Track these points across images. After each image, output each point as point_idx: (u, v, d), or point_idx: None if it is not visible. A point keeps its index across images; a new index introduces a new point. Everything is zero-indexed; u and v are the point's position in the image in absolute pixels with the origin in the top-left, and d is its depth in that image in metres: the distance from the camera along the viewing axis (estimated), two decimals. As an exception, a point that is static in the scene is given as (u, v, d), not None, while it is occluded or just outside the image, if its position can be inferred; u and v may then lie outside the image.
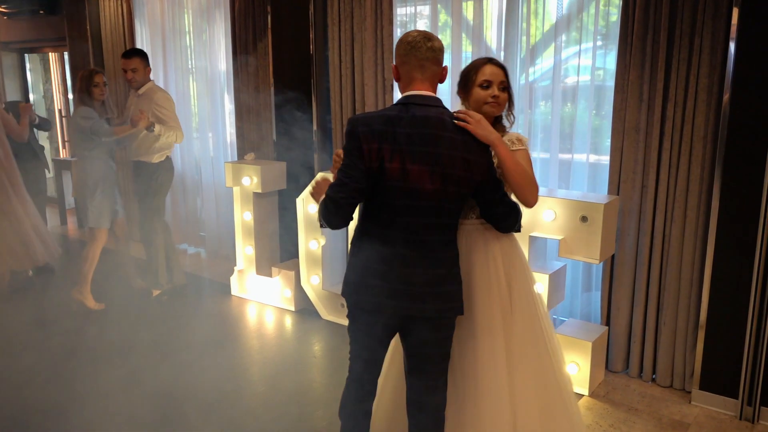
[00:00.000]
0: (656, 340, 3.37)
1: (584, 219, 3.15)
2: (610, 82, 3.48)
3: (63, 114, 7.99)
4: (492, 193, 2.12)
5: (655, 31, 3.11)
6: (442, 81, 2.14)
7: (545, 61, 3.83)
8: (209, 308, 4.61)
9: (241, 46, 4.94)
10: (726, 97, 2.91)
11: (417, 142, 1.98)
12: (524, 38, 3.76)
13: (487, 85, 2.25)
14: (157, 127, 4.32)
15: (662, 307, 3.31)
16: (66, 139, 8.05)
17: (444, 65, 2.13)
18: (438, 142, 1.99)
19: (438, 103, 2.08)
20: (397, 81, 2.12)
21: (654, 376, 3.42)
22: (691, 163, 3.12)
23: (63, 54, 7.73)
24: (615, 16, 3.49)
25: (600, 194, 3.44)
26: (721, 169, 2.96)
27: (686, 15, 3.02)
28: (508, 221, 2.22)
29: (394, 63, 2.11)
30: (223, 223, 5.66)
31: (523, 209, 2.26)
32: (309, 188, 2.09)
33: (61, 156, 8.06)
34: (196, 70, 5.62)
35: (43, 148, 5.72)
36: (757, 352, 2.97)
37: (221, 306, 4.63)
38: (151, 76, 4.55)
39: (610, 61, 3.53)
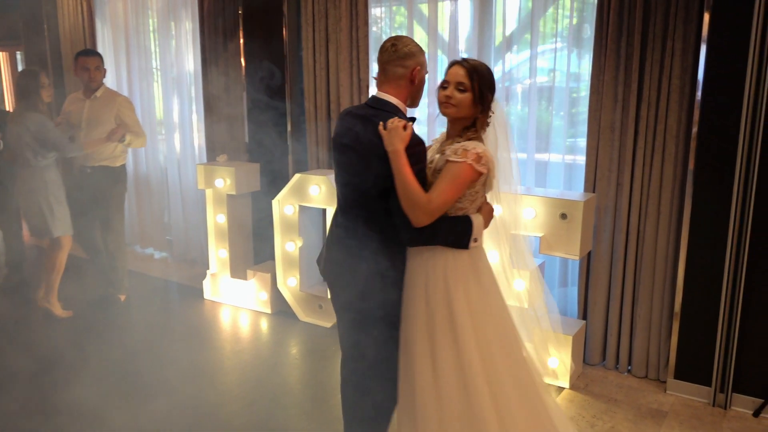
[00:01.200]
0: (632, 333, 3.48)
1: (563, 216, 3.24)
2: (566, 84, 3.63)
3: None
4: (384, 201, 2.12)
5: (629, 34, 3.22)
6: (413, 82, 2.19)
7: (507, 62, 3.91)
8: (182, 313, 4.52)
9: (211, 46, 4.87)
10: (698, 96, 3.03)
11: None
12: (491, 39, 3.85)
13: (445, 85, 2.18)
14: (128, 137, 4.22)
15: (637, 300, 3.42)
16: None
17: (415, 67, 2.17)
18: (349, 147, 2.17)
19: (379, 105, 2.17)
20: None
21: (629, 368, 3.53)
22: (664, 161, 3.24)
23: (15, 53, 7.45)
24: (574, 19, 3.61)
25: (575, 192, 3.53)
26: (693, 167, 3.09)
27: (659, 19, 3.14)
28: (402, 234, 2.12)
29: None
30: (190, 226, 5.56)
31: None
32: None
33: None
34: (162, 71, 5.50)
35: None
36: (729, 342, 3.10)
37: (194, 310, 4.55)
38: (115, 77, 4.44)
39: (566, 63, 3.64)
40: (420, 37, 4.13)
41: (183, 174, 5.53)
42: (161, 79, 5.53)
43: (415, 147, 2.07)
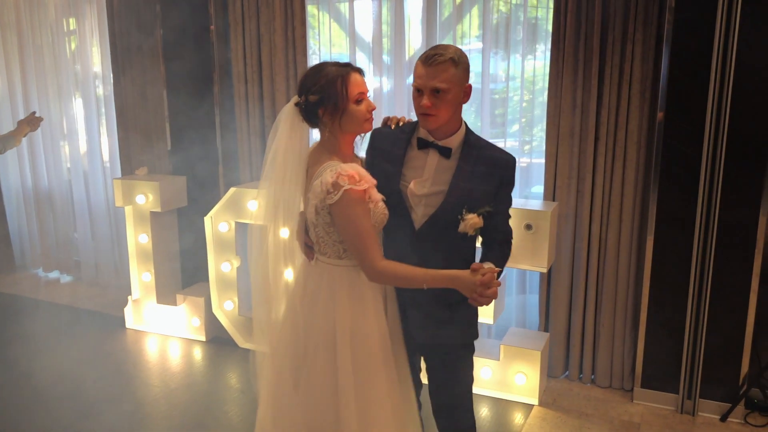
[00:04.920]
0: (595, 343, 3.41)
1: (529, 227, 3.10)
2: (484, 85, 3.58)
3: None
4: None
5: (587, 37, 3.14)
6: None
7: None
8: (100, 345, 4.01)
9: (123, 45, 4.37)
10: (661, 101, 2.98)
11: None
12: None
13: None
14: None
15: (600, 309, 3.35)
16: None
17: None
18: None
19: None
20: (464, 102, 1.97)
21: (593, 377, 3.46)
22: (625, 167, 3.18)
23: None
24: (494, 20, 3.55)
25: (537, 200, 3.42)
26: (658, 174, 3.04)
27: (617, 22, 3.07)
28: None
29: (468, 83, 1.94)
30: (100, 246, 5.01)
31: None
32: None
33: None
34: (62, 72, 4.90)
35: None
36: (696, 348, 3.09)
37: (115, 341, 4.05)
38: (5, 78, 3.86)
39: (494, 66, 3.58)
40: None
41: (92, 188, 4.96)
42: (62, 82, 4.92)
43: None
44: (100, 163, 4.92)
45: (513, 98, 3.62)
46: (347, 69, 1.89)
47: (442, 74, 1.83)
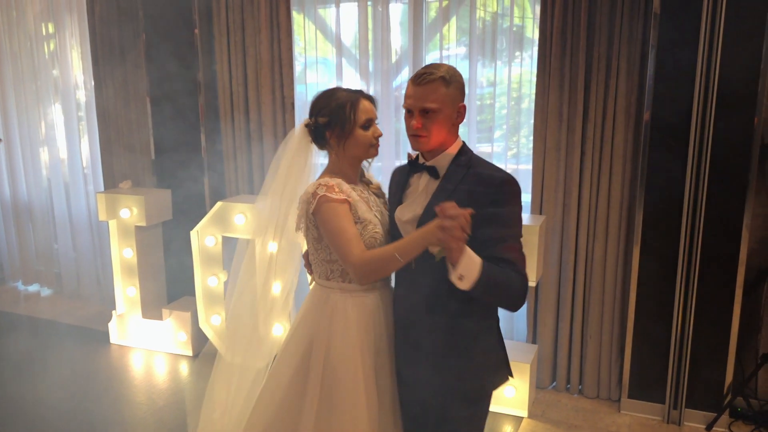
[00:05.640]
0: (582, 354, 3.45)
1: (517, 241, 3.12)
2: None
3: None
4: None
5: (572, 53, 3.17)
6: None
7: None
8: (84, 361, 3.95)
9: (105, 55, 4.31)
10: (646, 116, 3.03)
11: None
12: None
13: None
14: None
15: (587, 320, 3.39)
16: None
17: None
18: None
19: None
20: (458, 123, 1.87)
21: (580, 387, 3.50)
22: (611, 181, 3.22)
23: None
24: (478, 28, 3.55)
25: (525, 214, 3.44)
26: (644, 187, 3.08)
27: (602, 38, 3.11)
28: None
29: (462, 103, 1.84)
30: (82, 258, 4.94)
31: None
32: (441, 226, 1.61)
33: None
34: (41, 82, 4.83)
35: None
36: (681, 358, 3.14)
37: (99, 357, 4.00)
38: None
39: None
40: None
41: (73, 200, 4.88)
42: (42, 92, 4.84)
43: None
44: (81, 171, 4.85)
45: (495, 104, 3.60)
46: (357, 95, 1.92)
47: (432, 94, 1.77)
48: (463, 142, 1.91)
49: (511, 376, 1.98)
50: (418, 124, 1.80)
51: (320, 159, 2.08)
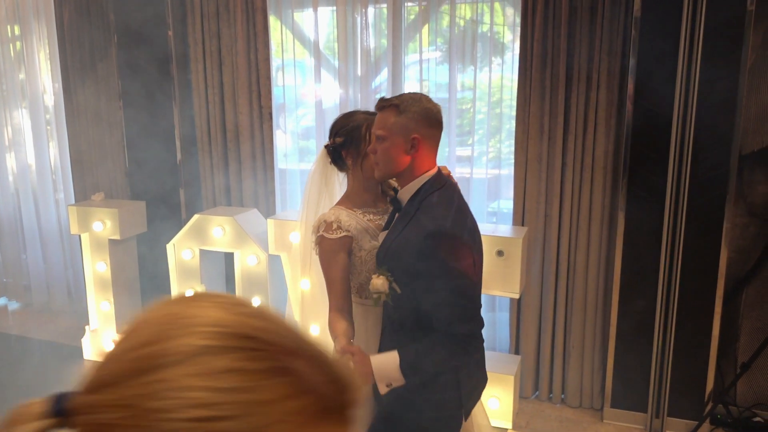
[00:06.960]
0: (564, 364, 3.46)
1: (500, 253, 3.11)
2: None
3: None
4: None
5: (553, 65, 3.17)
6: None
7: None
8: (57, 378, 3.82)
9: (75, 65, 4.19)
10: (627, 128, 3.04)
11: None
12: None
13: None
14: None
15: (569, 330, 3.41)
16: None
17: None
18: None
19: None
20: (412, 155, 1.75)
21: (563, 397, 3.51)
22: (592, 192, 3.23)
23: None
24: (456, 29, 3.53)
25: (507, 226, 3.44)
26: (624, 199, 3.10)
27: (583, 51, 3.12)
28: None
29: (417, 134, 1.73)
30: (52, 269, 4.80)
31: None
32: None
33: None
34: (7, 85, 4.67)
35: None
36: (663, 368, 3.17)
37: (73, 374, 3.87)
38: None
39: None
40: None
41: (43, 211, 4.74)
42: (9, 103, 4.69)
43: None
44: (50, 178, 4.71)
45: (471, 109, 3.58)
46: (374, 117, 1.90)
47: (382, 121, 1.76)
48: (435, 174, 1.80)
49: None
50: (372, 148, 1.81)
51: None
